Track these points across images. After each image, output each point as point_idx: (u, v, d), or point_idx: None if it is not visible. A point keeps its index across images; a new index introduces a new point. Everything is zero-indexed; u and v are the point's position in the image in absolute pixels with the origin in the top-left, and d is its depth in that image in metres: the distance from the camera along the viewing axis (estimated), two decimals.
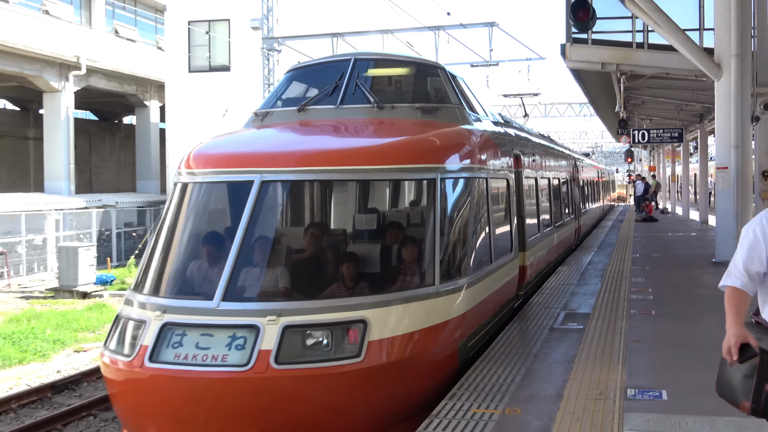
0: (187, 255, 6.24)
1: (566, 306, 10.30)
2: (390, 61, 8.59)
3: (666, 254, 17.37)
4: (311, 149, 6.43)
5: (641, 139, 24.50)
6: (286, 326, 5.35)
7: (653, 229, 26.07)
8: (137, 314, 5.80)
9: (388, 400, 5.55)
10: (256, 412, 5.15)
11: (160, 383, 5.28)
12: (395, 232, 6.52)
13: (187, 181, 6.62)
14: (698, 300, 10.76)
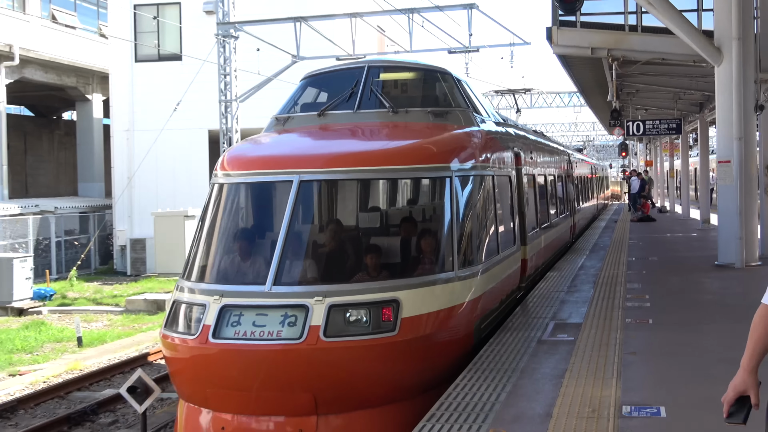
0: (234, 246, 7.92)
1: (555, 315, 10.33)
2: (400, 67, 10.39)
3: (664, 257, 17.49)
4: (342, 152, 8.12)
5: (636, 131, 24.67)
6: (331, 305, 6.98)
7: (650, 229, 26.28)
8: (195, 299, 7.40)
9: (417, 369, 7.19)
10: (308, 379, 6.75)
11: (223, 356, 6.84)
12: (420, 224, 8.30)
13: (224, 182, 8.34)
14: (700, 307, 10.84)
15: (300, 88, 10.52)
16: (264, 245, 7.85)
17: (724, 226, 14.71)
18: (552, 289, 12.79)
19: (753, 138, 14.77)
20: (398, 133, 8.88)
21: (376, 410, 7.16)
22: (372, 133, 8.96)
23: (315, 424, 6.98)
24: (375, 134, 8.94)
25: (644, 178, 34.47)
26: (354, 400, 7.05)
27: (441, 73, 10.41)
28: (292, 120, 9.78)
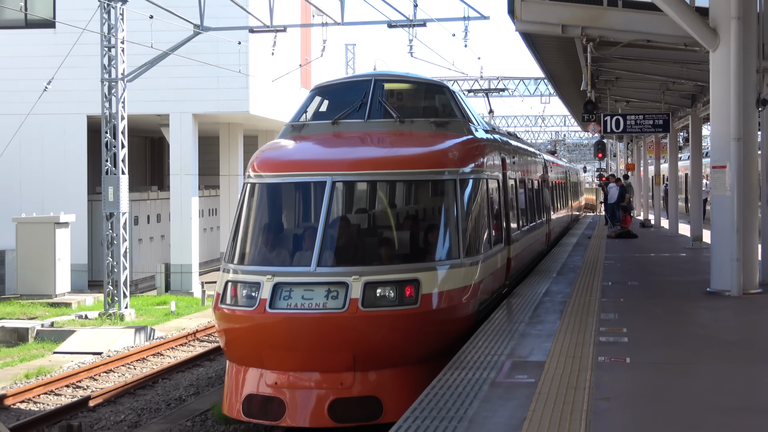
0: (279, 235, 12.15)
1: (513, 352, 10.35)
2: (403, 80, 14.62)
3: (647, 282, 17.66)
4: (367, 157, 12.16)
5: (615, 127, 24.96)
6: (366, 282, 10.78)
7: (631, 248, 26.62)
8: (249, 279, 11.18)
9: (433, 337, 11.09)
10: (348, 341, 10.54)
11: (278, 323, 10.66)
12: (432, 219, 12.26)
13: (262, 181, 12.22)
14: (688, 344, 10.94)
15: (309, 98, 14.31)
16: (305, 234, 11.85)
17: (718, 245, 14.88)
18: (510, 319, 12.80)
19: (754, 138, 14.92)
20: (409, 141, 12.87)
21: (402, 369, 11.05)
22: (386, 141, 12.88)
23: (353, 378, 10.87)
24: (389, 142, 12.86)
25: (624, 185, 34.95)
26: (384, 360, 10.92)
27: (439, 87, 14.59)
28: (307, 127, 13.59)
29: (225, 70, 31.59)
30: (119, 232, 26.98)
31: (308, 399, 11.03)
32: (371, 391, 11.01)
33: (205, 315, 27.62)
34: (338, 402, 10.94)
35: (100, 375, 18.98)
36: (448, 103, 14.26)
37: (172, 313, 28.04)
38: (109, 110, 27.00)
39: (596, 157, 42.47)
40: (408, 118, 13.34)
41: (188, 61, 30.18)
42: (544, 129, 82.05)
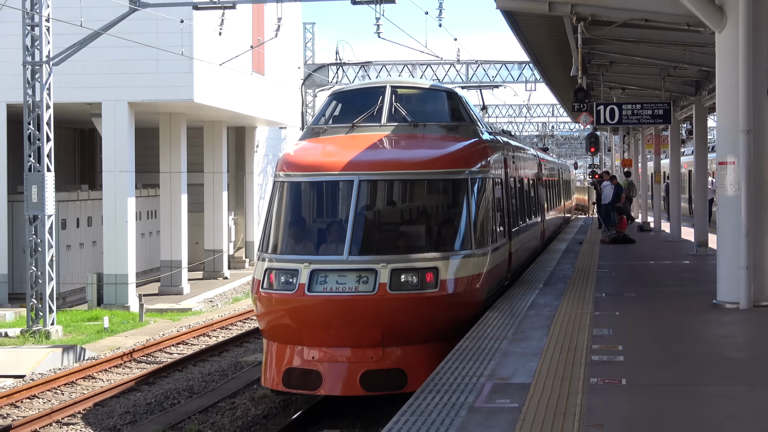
0: (313, 228, 15.31)
1: (494, 373, 10.34)
2: (415, 87, 18.05)
3: (645, 293, 17.71)
4: (389, 159, 15.34)
5: (609, 118, 25.03)
6: (393, 269, 13.73)
7: (628, 254, 26.71)
8: (287, 266, 14.26)
9: (450, 318, 14.03)
10: (378, 320, 13.49)
11: (316, 305, 13.59)
12: (449, 213, 15.33)
13: (293, 180, 15.37)
14: (692, 362, 10.97)
15: (327, 103, 17.65)
16: (336, 227, 14.87)
17: (724, 251, 14.94)
18: (491, 336, 12.80)
19: (765, 130, 14.96)
20: (424, 144, 16.11)
21: (423, 345, 14.20)
22: (404, 143, 16.08)
23: (381, 353, 14.02)
24: (407, 145, 16.06)
25: (619, 184, 35.08)
26: (408, 337, 14.09)
27: (448, 92, 17.87)
28: (326, 131, 16.71)
29: (165, 52, 31.44)
30: (44, 238, 26.76)
31: (342, 371, 14.20)
32: (397, 364, 14.22)
33: (143, 332, 27.48)
34: (368, 373, 14.11)
35: (23, 401, 18.81)
36: (457, 108, 17.50)
37: (106, 330, 27.87)
38: (32, 98, 26.77)
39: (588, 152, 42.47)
40: (420, 122, 16.62)
41: (123, 42, 30.01)
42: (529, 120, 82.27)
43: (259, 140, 48.20)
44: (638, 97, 33.54)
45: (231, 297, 36.57)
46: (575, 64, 22.32)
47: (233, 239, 45.90)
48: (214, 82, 34.69)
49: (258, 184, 48.11)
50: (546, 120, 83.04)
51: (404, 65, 51.24)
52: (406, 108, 16.78)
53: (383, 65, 51.38)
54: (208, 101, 34.34)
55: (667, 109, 25.82)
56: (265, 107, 41.88)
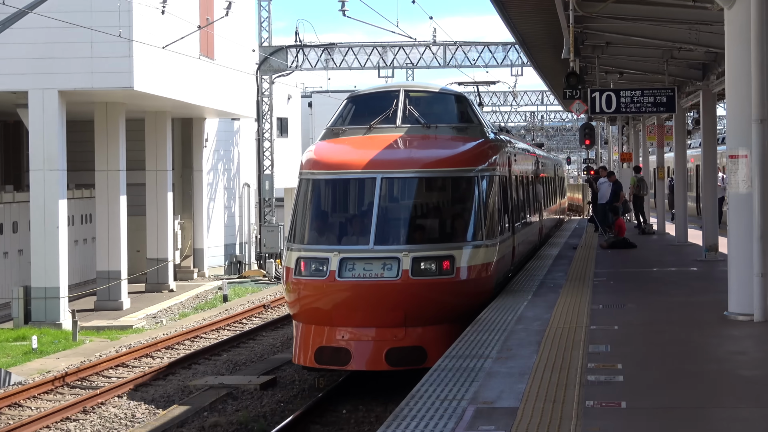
0: (340, 220, 19.70)
1: (477, 396, 10.36)
2: (427, 90, 22.02)
3: (647, 304, 17.79)
4: (406, 158, 19.33)
5: (605, 106, 25.11)
6: (414, 257, 17.84)
7: (628, 261, 26.81)
8: (317, 255, 18.29)
9: (464, 300, 18.24)
10: (401, 302, 17.66)
11: (346, 289, 17.88)
12: (461, 207, 19.38)
13: (318, 178, 19.39)
14: (700, 382, 11.03)
15: (345, 106, 21.63)
16: (362, 220, 18.63)
17: (736, 256, 15.00)
18: (473, 354, 12.82)
19: None
20: (438, 144, 20.10)
21: (441, 326, 17.86)
22: (419, 144, 20.03)
23: (404, 332, 17.66)
24: (421, 145, 19.99)
25: (618, 181, 35.21)
26: (427, 318, 17.78)
27: (458, 96, 22.10)
28: (345, 132, 20.62)
29: (101, 33, 31.34)
30: None
31: (369, 348, 18.16)
32: (418, 342, 18.02)
33: (78, 353, 27.38)
34: (393, 350, 17.98)
35: None
36: (466, 111, 21.57)
37: (34, 351, 27.74)
38: None
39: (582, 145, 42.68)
40: (432, 123, 20.48)
41: (53, 23, 29.89)
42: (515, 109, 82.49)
43: (208, 133, 48.12)
44: (638, 82, 33.62)
45: (177, 312, 36.47)
46: (567, 45, 22.39)
47: (179, 246, 45.77)
48: (156, 67, 34.59)
49: (208, 183, 48.04)
50: (534, 109, 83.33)
51: (373, 47, 51.22)
52: (419, 110, 20.67)
53: (349, 47, 51.36)
54: (151, 89, 34.23)
55: (670, 95, 25.92)
56: (216, 96, 41.80)
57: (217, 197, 49.86)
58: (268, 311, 35.39)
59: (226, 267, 49.78)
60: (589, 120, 39.17)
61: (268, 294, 40.93)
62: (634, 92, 25.83)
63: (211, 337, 30.04)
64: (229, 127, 51.53)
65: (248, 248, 52.86)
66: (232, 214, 51.76)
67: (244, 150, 53.31)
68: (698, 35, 22.96)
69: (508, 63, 52.30)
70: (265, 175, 51.61)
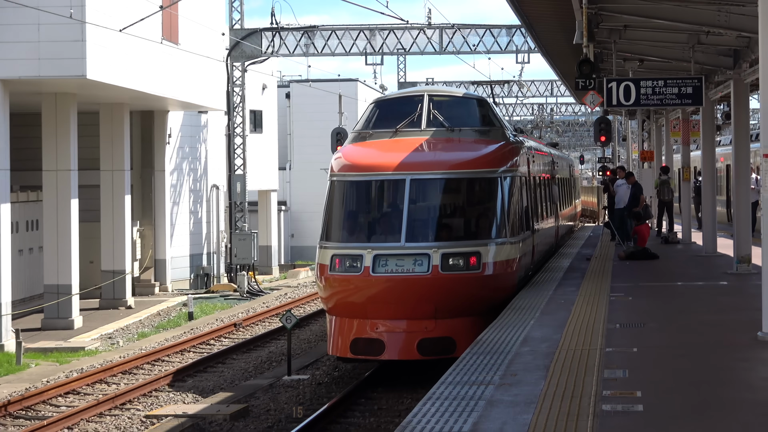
0: (372, 219, 23.79)
1: (476, 429, 10.40)
2: (450, 95, 27.22)
3: (671, 323, 17.79)
4: (434, 160, 23.80)
5: (623, 98, 25.12)
6: (443, 253, 22.15)
7: (649, 273, 26.81)
8: (352, 252, 22.58)
9: (490, 294, 22.65)
10: (431, 296, 21.95)
11: (380, 283, 22.11)
12: (486, 206, 23.96)
13: (350, 179, 23.74)
14: (730, 413, 11.02)
15: (371, 110, 25.80)
16: (393, 219, 22.67)
17: None
18: (472, 380, 12.81)
19: None
20: (462, 147, 24.11)
21: (468, 318, 22.04)
22: (445, 147, 24.02)
23: (434, 324, 21.85)
24: (446, 148, 24.00)
25: (638, 182, 35.21)
26: (456, 311, 21.96)
27: (480, 100, 26.32)
28: (372, 135, 24.73)
29: (49, 14, 31.30)
30: None
31: (402, 339, 22.04)
32: (447, 333, 21.94)
33: (22, 379, 27.33)
34: (424, 341, 21.86)
35: None
36: (487, 114, 25.91)
37: None
38: None
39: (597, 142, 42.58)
40: (456, 127, 24.64)
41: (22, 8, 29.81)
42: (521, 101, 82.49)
43: (171, 128, 48.07)
44: (661, 71, 33.65)
45: (136, 332, 36.40)
46: (579, 28, 22.42)
47: (139, 257, 45.74)
48: (112, 52, 34.53)
49: (171, 184, 48.00)
50: (543, 101, 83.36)
51: (360, 30, 51.22)
52: (442, 114, 24.88)
53: (333, 31, 51.35)
54: (106, 78, 34.18)
55: (697, 86, 25.94)
56: (180, 85, 41.75)
57: (182, 201, 49.82)
58: (239, 331, 35.39)
59: (192, 280, 49.74)
60: (605, 114, 39.23)
61: (240, 311, 40.94)
62: (656, 82, 25.84)
63: (174, 360, 30.01)
64: (196, 122, 51.50)
65: (217, 259, 52.81)
66: (199, 220, 51.72)
67: (212, 147, 53.25)
68: (729, 17, 22.98)
69: (512, 48, 52.32)
70: (237, 175, 51.49)
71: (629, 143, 66.69)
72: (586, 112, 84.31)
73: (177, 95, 41.67)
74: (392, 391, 22.41)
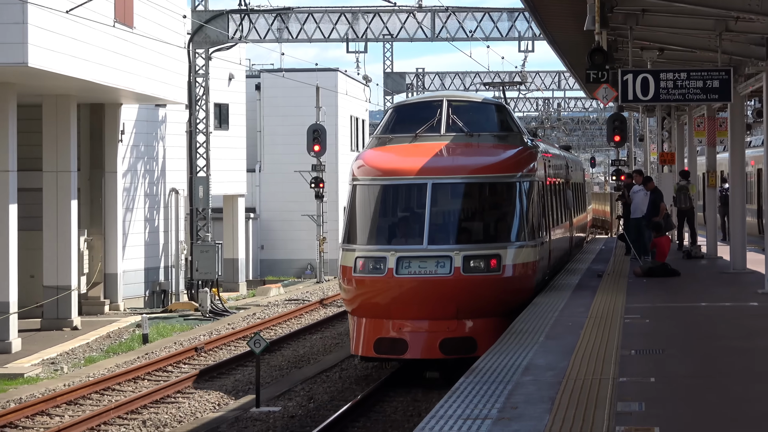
0: (395, 222, 29.02)
1: None
2: (469, 100, 32.90)
3: (694, 350, 17.84)
4: (455, 165, 28.70)
5: (641, 92, 25.19)
6: (464, 256, 26.87)
7: (670, 293, 26.88)
8: (375, 254, 27.20)
9: (510, 296, 27.35)
10: (454, 297, 26.59)
11: (403, 284, 26.71)
12: (505, 210, 28.95)
13: (374, 183, 28.59)
14: None
15: (389, 115, 30.98)
16: (415, 222, 27.56)
17: None
18: (465, 414, 12.83)
19: None
20: (480, 152, 28.95)
21: (489, 319, 26.61)
22: (465, 152, 28.86)
23: (456, 324, 26.48)
24: (466, 152, 28.84)
25: (657, 188, 35.21)
26: (477, 311, 26.66)
27: (498, 105, 31.89)
28: (392, 140, 29.36)
29: None
30: None
31: (425, 339, 26.00)
32: (469, 334, 26.04)
33: None
34: (446, 341, 25.80)
35: None
36: (505, 119, 30.39)
37: None
38: None
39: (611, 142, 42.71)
40: (474, 132, 28.83)
41: None
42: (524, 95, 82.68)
43: (125, 124, 48.05)
44: (683, 62, 33.74)
45: (83, 357, 36.34)
46: (591, 12, 22.49)
47: (86, 271, 45.64)
48: (58, 37, 34.49)
49: (124, 188, 48.02)
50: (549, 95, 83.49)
51: (341, 13, 51.29)
52: (461, 119, 29.11)
53: (309, 13, 51.38)
54: (50, 65, 34.17)
55: (724, 79, 26.02)
56: (135, 75, 41.68)
57: (136, 207, 49.82)
58: (201, 356, 35.36)
59: (147, 298, 49.78)
60: (620, 110, 39.32)
61: (202, 334, 40.91)
62: (678, 74, 25.92)
63: (126, 389, 29.99)
64: (153, 116, 51.52)
65: (176, 274, 52.75)
66: (156, 229, 51.71)
67: (171, 146, 53.26)
68: (761, 1, 23.05)
69: (515, 35, 52.46)
70: (199, 178, 51.39)
71: (647, 144, 66.80)
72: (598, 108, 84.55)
73: (131, 86, 41.61)
74: (377, 422, 22.44)
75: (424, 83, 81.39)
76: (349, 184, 28.61)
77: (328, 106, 68.28)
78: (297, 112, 70.28)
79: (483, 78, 76.35)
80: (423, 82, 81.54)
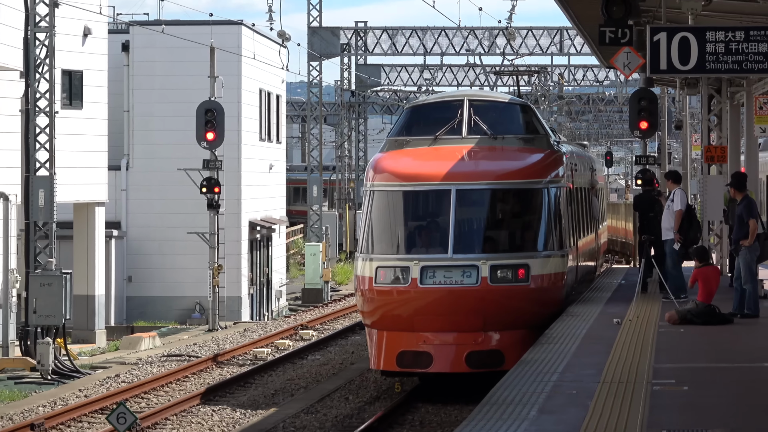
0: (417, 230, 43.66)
1: None
2: (491, 100, 49.08)
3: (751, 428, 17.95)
4: (479, 170, 42.66)
5: (678, 60, 25.34)
6: (491, 265, 41.11)
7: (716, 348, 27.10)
8: (398, 264, 41.39)
9: (538, 307, 42.18)
10: (480, 308, 40.90)
11: (427, 295, 40.97)
12: (532, 218, 44.03)
13: (391, 190, 42.38)
14: None
15: (405, 116, 45.42)
16: (439, 230, 41.09)
17: None
18: None
19: None
20: (505, 156, 42.67)
21: (516, 331, 40.44)
22: (487, 156, 42.28)
23: (483, 336, 40.05)
24: (490, 156, 42.26)
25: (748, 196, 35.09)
26: (505, 323, 40.63)
27: (523, 105, 46.79)
28: (409, 142, 42.33)
29: None
30: None
31: (451, 352, 36.79)
32: (496, 346, 37.31)
33: None
34: (473, 354, 36.60)
35: None
36: (531, 121, 41.75)
37: None
38: None
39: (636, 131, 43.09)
40: (498, 134, 39.16)
41: None
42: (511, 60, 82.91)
43: None
44: (740, 16, 34.01)
45: None
46: None
47: None
48: None
49: None
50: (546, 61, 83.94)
51: None
52: (484, 121, 37.52)
53: None
54: None
55: None
56: None
57: None
58: None
59: None
60: (648, 85, 39.61)
61: (41, 404, 40.87)
62: (732, 34, 26.12)
63: None
64: None
65: (4, 316, 52.70)
66: None
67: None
68: None
69: None
70: (39, 178, 51.24)
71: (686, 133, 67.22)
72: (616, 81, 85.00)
73: None
74: None
75: (366, 44, 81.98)
76: (365, 190, 36.25)
77: (228, 76, 68.20)
78: (182, 84, 70.39)
79: (452, 36, 76.71)
80: (365, 42, 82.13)
